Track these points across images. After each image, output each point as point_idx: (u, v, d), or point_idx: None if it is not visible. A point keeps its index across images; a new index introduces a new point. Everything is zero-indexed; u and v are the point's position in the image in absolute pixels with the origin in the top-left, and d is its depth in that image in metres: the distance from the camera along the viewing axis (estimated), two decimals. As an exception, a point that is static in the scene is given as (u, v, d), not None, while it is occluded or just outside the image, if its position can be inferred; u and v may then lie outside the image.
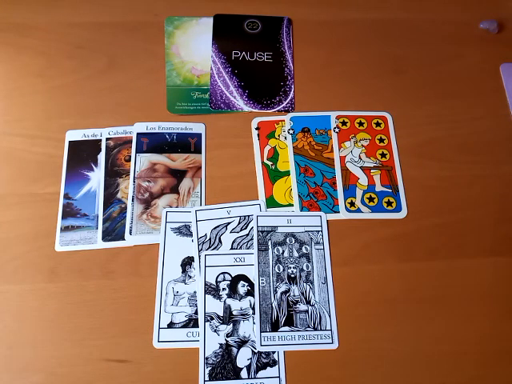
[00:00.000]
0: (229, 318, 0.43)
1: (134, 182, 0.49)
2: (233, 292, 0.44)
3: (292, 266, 0.46)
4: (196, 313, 0.44)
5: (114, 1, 0.57)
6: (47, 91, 0.53)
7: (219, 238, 0.46)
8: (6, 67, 0.54)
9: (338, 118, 0.53)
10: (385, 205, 0.49)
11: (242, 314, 0.44)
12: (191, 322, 0.43)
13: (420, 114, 0.54)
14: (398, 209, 0.49)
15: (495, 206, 0.50)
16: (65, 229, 0.47)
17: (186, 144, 0.51)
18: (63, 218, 0.47)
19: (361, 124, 0.53)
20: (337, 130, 0.52)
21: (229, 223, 0.47)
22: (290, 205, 0.49)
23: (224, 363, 0.42)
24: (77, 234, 0.46)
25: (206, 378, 0.41)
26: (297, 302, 0.44)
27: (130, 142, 0.50)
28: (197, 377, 0.41)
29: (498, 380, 0.43)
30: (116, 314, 0.44)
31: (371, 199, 0.49)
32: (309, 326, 0.43)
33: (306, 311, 0.44)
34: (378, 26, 0.58)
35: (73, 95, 0.53)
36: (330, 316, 0.44)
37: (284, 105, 0.53)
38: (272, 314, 0.44)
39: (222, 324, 0.43)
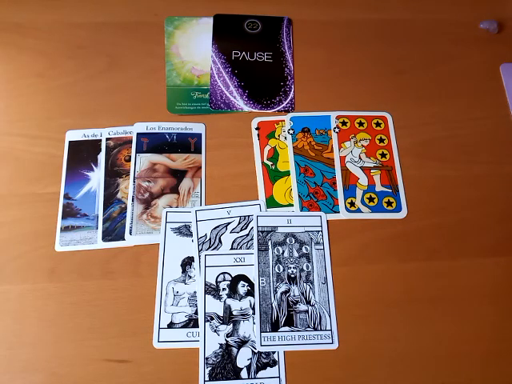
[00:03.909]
0: (229, 318, 0.43)
1: (133, 182, 0.49)
2: (233, 292, 0.44)
3: (292, 266, 0.46)
4: (196, 313, 0.44)
5: (114, 1, 0.57)
6: (47, 91, 0.53)
7: (219, 238, 0.46)
8: (6, 67, 0.54)
9: (338, 118, 0.53)
10: (385, 205, 0.49)
11: (242, 314, 0.44)
12: (191, 322, 0.43)
13: (420, 114, 0.54)
14: (398, 209, 0.49)
15: (495, 205, 0.50)
16: (65, 229, 0.47)
17: (186, 144, 0.51)
18: (63, 218, 0.47)
19: (361, 124, 0.53)
20: (337, 129, 0.52)
21: (229, 223, 0.47)
22: (290, 205, 0.49)
23: (224, 363, 0.42)
24: (77, 234, 0.46)
25: (206, 378, 0.41)
26: (297, 302, 0.44)
27: (130, 142, 0.50)
28: (197, 377, 0.41)
29: (498, 380, 0.43)
30: (116, 314, 0.44)
31: (371, 199, 0.49)
32: (309, 326, 0.43)
33: (306, 311, 0.44)
34: (378, 26, 0.58)
35: (73, 95, 0.53)
36: (330, 316, 0.44)
37: (284, 105, 0.53)
38: (272, 314, 0.44)
39: (221, 324, 0.43)
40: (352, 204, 0.49)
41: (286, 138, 0.52)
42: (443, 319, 0.45)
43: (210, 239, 0.46)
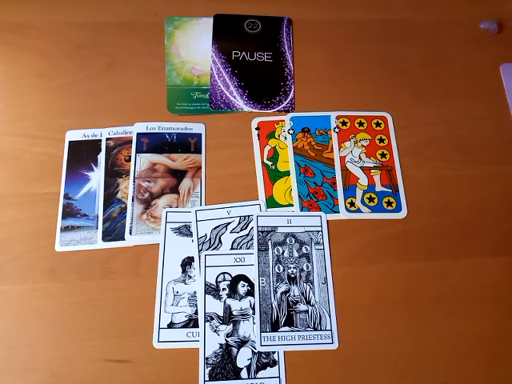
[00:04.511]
0: (229, 318, 0.43)
1: (133, 182, 0.49)
2: (233, 292, 0.44)
3: (292, 266, 0.46)
4: (196, 313, 0.44)
5: (114, 1, 0.57)
6: (47, 91, 0.53)
7: (219, 238, 0.46)
8: (5, 67, 0.54)
9: (338, 118, 0.53)
10: (385, 205, 0.49)
11: (242, 314, 0.44)
12: (191, 322, 0.43)
13: (420, 114, 0.54)
14: (398, 209, 0.49)
15: (495, 205, 0.50)
16: (65, 229, 0.47)
17: (186, 144, 0.51)
18: (63, 218, 0.47)
19: (361, 124, 0.53)
20: (337, 130, 0.52)
21: (229, 223, 0.47)
22: (290, 205, 0.49)
23: (224, 363, 0.42)
24: (77, 234, 0.46)
25: (206, 378, 0.41)
26: (297, 302, 0.44)
27: (130, 142, 0.50)
28: (197, 377, 0.41)
29: (498, 380, 0.43)
30: (116, 314, 0.44)
31: (371, 199, 0.49)
32: (309, 326, 0.43)
33: (306, 311, 0.44)
34: (378, 25, 0.58)
35: (73, 95, 0.53)
36: (330, 316, 0.44)
37: (284, 105, 0.53)
38: (272, 314, 0.44)
39: (221, 324, 0.43)
40: (352, 204, 0.49)
41: (285, 137, 0.52)
42: (443, 319, 0.45)
43: (210, 239, 0.46)
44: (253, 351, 0.42)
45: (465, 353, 0.44)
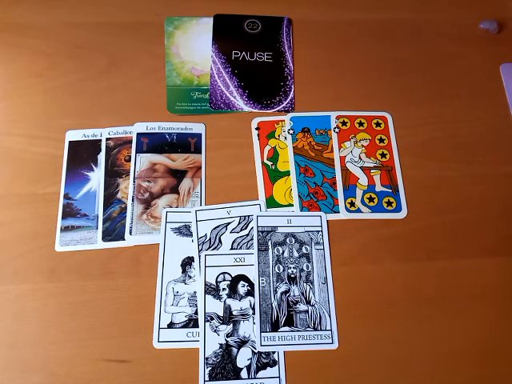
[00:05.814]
0: (229, 318, 0.43)
1: (133, 182, 0.49)
2: (233, 292, 0.44)
3: (292, 266, 0.46)
4: (196, 313, 0.44)
5: (114, 1, 0.57)
6: (47, 91, 0.53)
7: (219, 238, 0.46)
8: (5, 67, 0.54)
9: (338, 118, 0.53)
10: (385, 205, 0.49)
11: (242, 314, 0.44)
12: (191, 322, 0.43)
13: (420, 114, 0.54)
14: (398, 209, 0.49)
15: (495, 206, 0.50)
16: (65, 229, 0.47)
17: (185, 144, 0.51)
18: (63, 218, 0.47)
19: (361, 124, 0.53)
20: (337, 129, 0.52)
21: (229, 223, 0.47)
22: (290, 205, 0.49)
23: (224, 363, 0.42)
24: (77, 234, 0.46)
25: (206, 378, 0.41)
26: (297, 302, 0.44)
27: (130, 142, 0.50)
28: (197, 377, 0.41)
29: (498, 380, 0.43)
30: (116, 314, 0.44)
31: (371, 199, 0.49)
32: (309, 326, 0.43)
33: (306, 311, 0.44)
34: (378, 26, 0.58)
35: (73, 95, 0.53)
36: (330, 316, 0.44)
37: (284, 105, 0.53)
38: (272, 314, 0.44)
39: (222, 324, 0.43)
40: (352, 204, 0.49)
41: (285, 137, 0.52)
42: (443, 319, 0.45)
43: (210, 239, 0.46)
44: (253, 351, 0.42)
45: (464, 352, 0.44)
